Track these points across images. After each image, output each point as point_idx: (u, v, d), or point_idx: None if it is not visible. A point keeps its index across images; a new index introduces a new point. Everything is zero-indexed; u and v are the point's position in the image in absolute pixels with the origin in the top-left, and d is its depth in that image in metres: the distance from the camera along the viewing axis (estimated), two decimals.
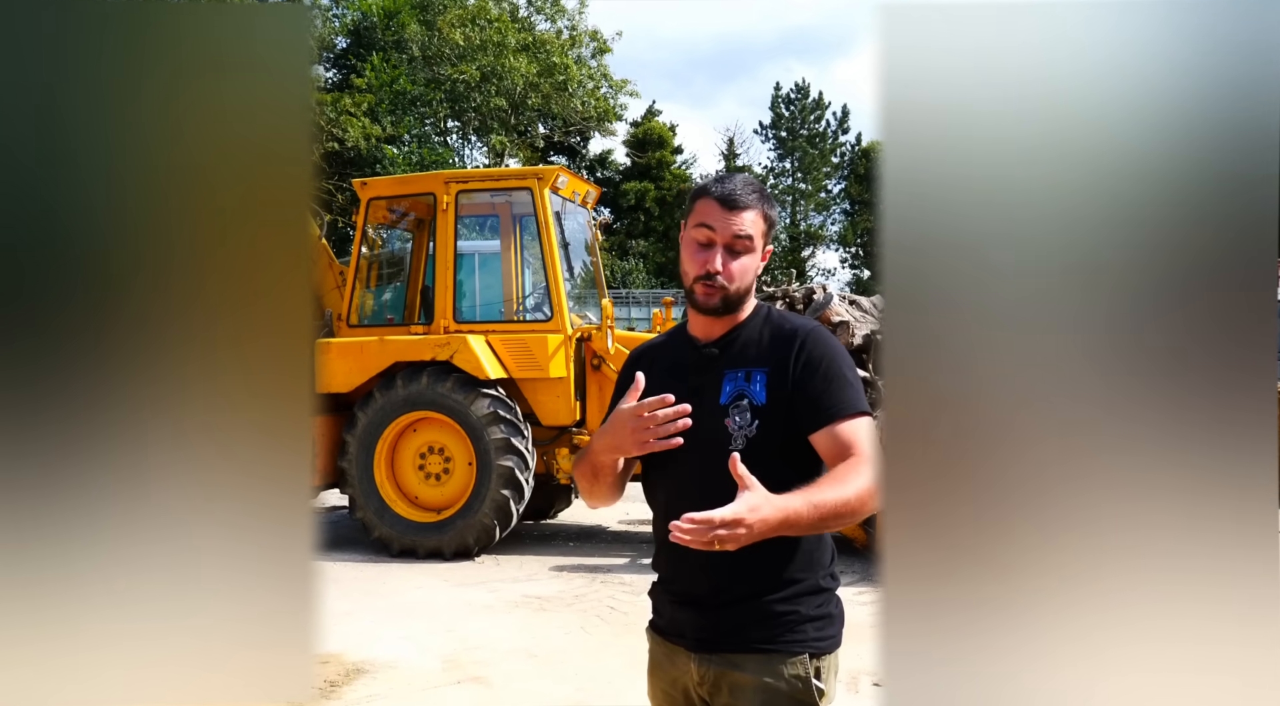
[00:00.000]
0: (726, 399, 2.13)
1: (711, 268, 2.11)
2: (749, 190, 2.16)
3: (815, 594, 2.13)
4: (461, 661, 5.49)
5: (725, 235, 2.12)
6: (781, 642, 2.09)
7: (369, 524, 8.14)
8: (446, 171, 8.94)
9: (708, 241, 2.14)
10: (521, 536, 8.88)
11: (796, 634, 2.09)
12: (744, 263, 2.14)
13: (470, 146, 29.81)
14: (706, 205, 2.15)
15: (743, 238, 2.12)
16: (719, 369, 2.17)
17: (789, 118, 50.61)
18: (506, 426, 7.83)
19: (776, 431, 2.09)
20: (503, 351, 8.15)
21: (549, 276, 8.32)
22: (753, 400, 2.11)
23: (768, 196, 2.21)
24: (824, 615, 2.14)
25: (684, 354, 2.27)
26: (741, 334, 2.21)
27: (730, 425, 2.11)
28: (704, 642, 2.15)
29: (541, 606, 6.64)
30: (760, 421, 2.09)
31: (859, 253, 48.59)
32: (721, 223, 2.12)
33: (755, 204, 2.15)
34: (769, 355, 2.14)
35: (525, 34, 27.00)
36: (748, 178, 2.23)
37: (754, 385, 2.12)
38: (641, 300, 32.71)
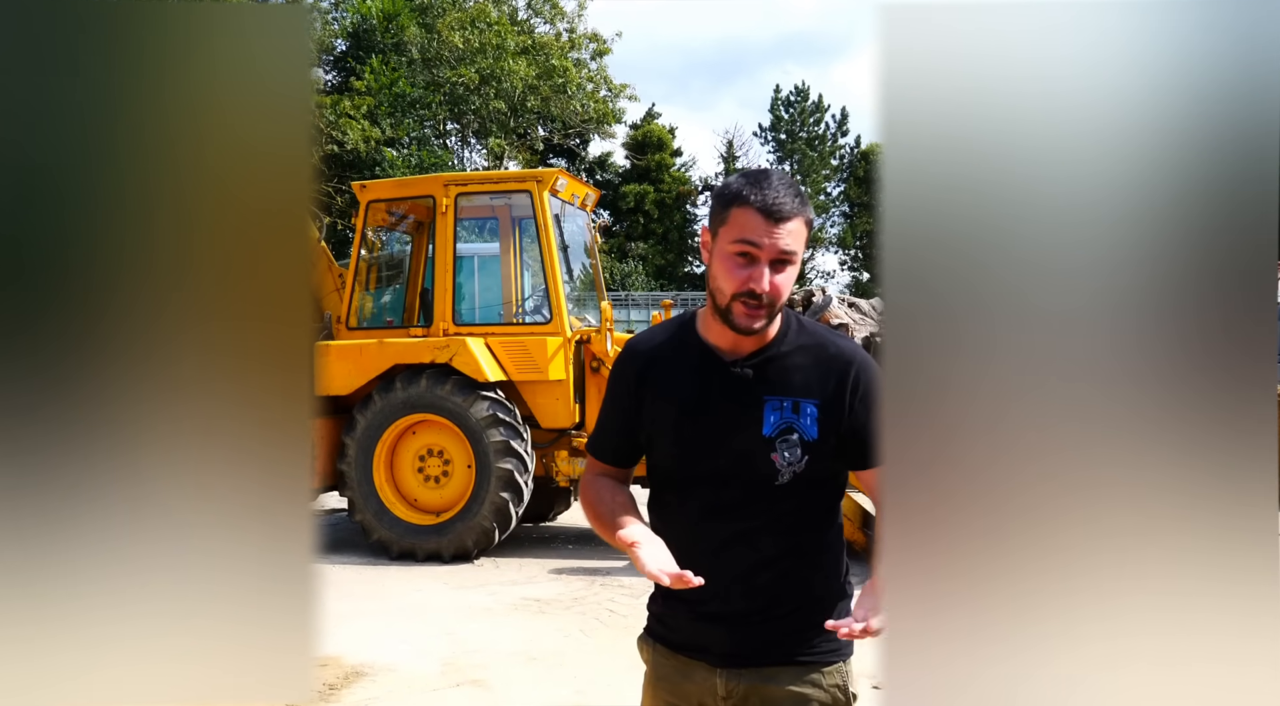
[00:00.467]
0: (771, 430, 1.97)
1: (759, 288, 1.87)
2: (791, 195, 1.90)
3: (844, 601, 2.10)
4: (460, 664, 5.48)
5: (771, 252, 1.87)
6: (820, 653, 2.06)
7: (368, 526, 8.14)
8: (446, 174, 8.94)
9: (750, 257, 1.89)
10: (520, 539, 8.88)
11: (833, 643, 2.04)
12: (788, 276, 1.92)
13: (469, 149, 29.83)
14: (746, 217, 1.88)
15: (789, 253, 1.89)
16: (756, 394, 1.99)
17: (788, 120, 50.66)
18: (505, 429, 7.83)
19: (824, 466, 1.99)
20: (502, 354, 8.15)
21: (548, 279, 8.32)
22: (803, 435, 1.96)
23: (805, 197, 1.96)
24: None
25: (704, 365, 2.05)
26: (777, 353, 2.01)
27: (778, 460, 1.96)
28: (735, 658, 2.06)
29: (540, 609, 6.64)
30: (810, 457, 1.96)
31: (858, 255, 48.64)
32: (767, 238, 1.86)
33: (798, 211, 1.90)
34: (818, 385, 1.98)
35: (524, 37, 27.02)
36: (785, 177, 1.96)
37: (804, 418, 1.97)
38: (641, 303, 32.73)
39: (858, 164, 48.03)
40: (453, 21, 25.58)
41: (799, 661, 2.05)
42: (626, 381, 2.16)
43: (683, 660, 2.13)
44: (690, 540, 2.02)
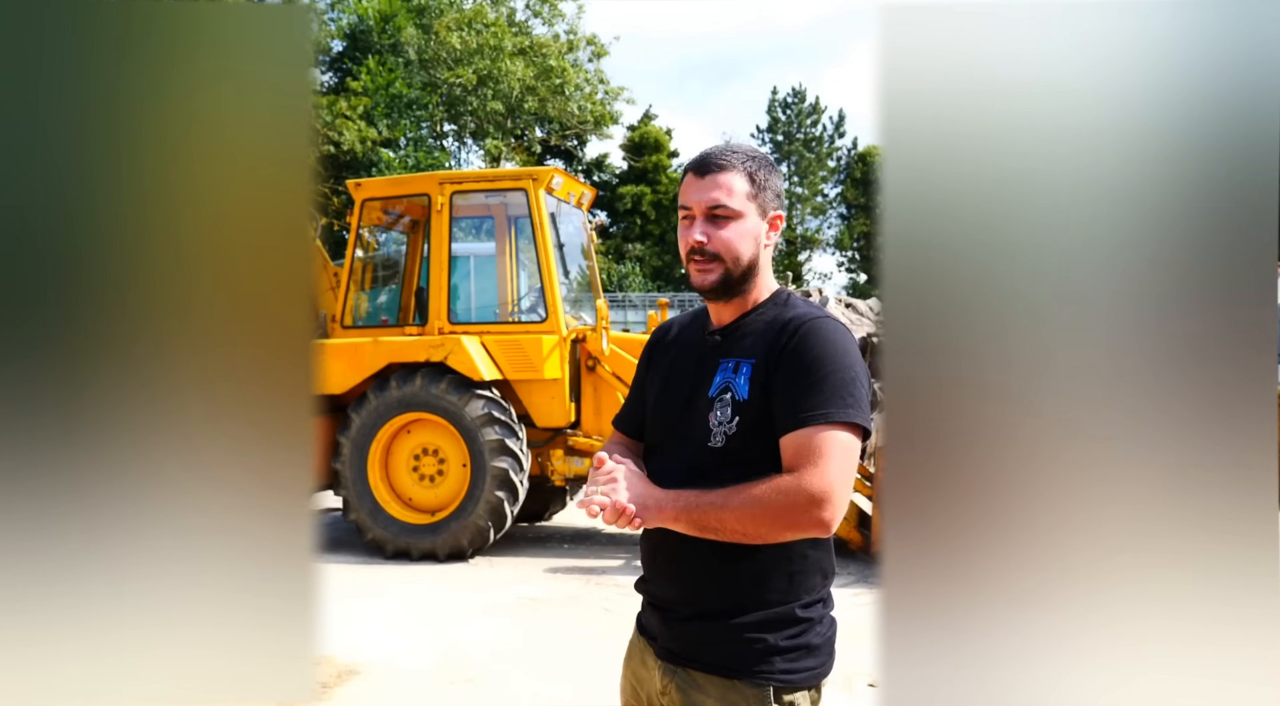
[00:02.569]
0: (714, 391, 1.95)
1: (693, 240, 1.92)
2: (727, 152, 1.95)
3: (790, 623, 1.90)
4: (455, 663, 5.48)
5: (700, 204, 1.92)
6: (744, 671, 1.88)
7: (363, 526, 8.13)
8: (441, 172, 8.93)
9: (690, 217, 1.95)
10: (516, 538, 8.87)
11: (762, 664, 1.87)
12: (733, 230, 1.91)
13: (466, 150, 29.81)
14: (685, 181, 1.97)
15: (720, 205, 1.90)
16: (716, 358, 1.99)
17: (785, 122, 50.69)
18: (501, 428, 7.83)
19: (757, 431, 1.87)
20: (497, 353, 8.14)
21: (544, 277, 8.31)
22: (735, 393, 1.91)
23: (757, 157, 1.97)
24: (799, 646, 1.90)
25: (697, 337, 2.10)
26: (745, 320, 2.00)
27: (711, 420, 1.92)
28: (670, 653, 2.00)
29: (535, 608, 6.63)
30: (740, 419, 1.89)
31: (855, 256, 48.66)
32: (696, 193, 1.93)
33: (734, 164, 1.93)
34: (760, 344, 1.92)
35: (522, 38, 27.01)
36: (733, 143, 2.00)
37: (739, 377, 1.92)
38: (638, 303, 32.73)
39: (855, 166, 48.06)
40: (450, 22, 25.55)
41: (721, 672, 1.91)
42: (644, 355, 2.25)
43: (643, 643, 2.12)
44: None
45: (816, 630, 1.93)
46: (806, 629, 1.92)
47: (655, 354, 2.22)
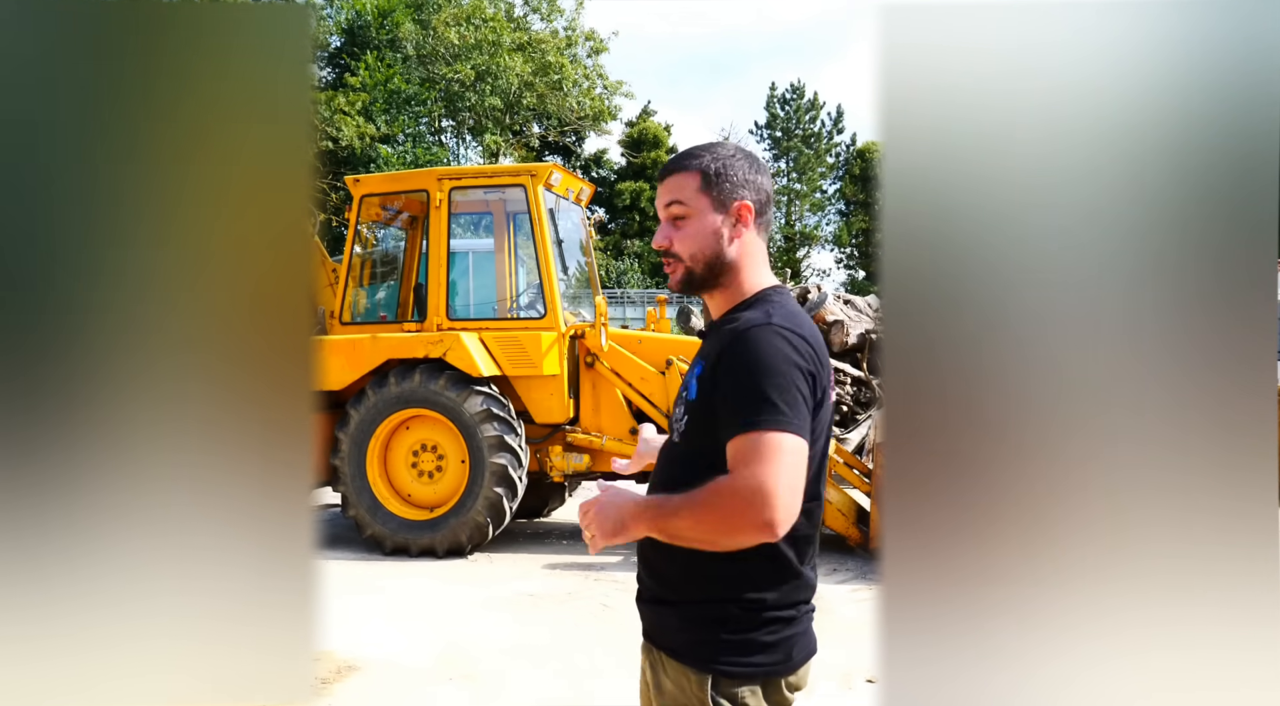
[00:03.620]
0: (683, 387, 2.04)
1: (656, 244, 2.01)
2: (685, 154, 2.00)
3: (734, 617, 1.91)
4: (454, 658, 5.49)
5: (661, 210, 2.01)
6: (687, 655, 1.95)
7: (361, 522, 8.13)
8: (440, 168, 8.94)
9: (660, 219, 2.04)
10: (515, 534, 8.88)
11: (705, 649, 1.92)
12: (687, 230, 1.96)
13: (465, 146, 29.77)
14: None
15: (671, 203, 1.98)
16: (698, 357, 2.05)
17: (784, 118, 50.65)
18: (499, 424, 7.83)
19: (702, 431, 1.91)
20: (496, 349, 8.14)
21: (542, 273, 8.31)
22: (687, 393, 1.98)
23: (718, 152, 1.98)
24: (744, 641, 1.91)
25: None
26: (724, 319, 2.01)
27: (674, 415, 2.04)
28: (646, 633, 2.12)
29: (534, 604, 6.64)
30: (689, 418, 1.96)
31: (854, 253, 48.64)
32: (658, 198, 2.03)
33: (686, 165, 1.97)
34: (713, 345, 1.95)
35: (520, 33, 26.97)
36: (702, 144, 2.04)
37: (692, 377, 1.98)
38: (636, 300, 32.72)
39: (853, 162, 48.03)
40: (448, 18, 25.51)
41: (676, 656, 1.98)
42: None
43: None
44: None
45: (770, 628, 1.92)
46: (752, 625, 1.91)
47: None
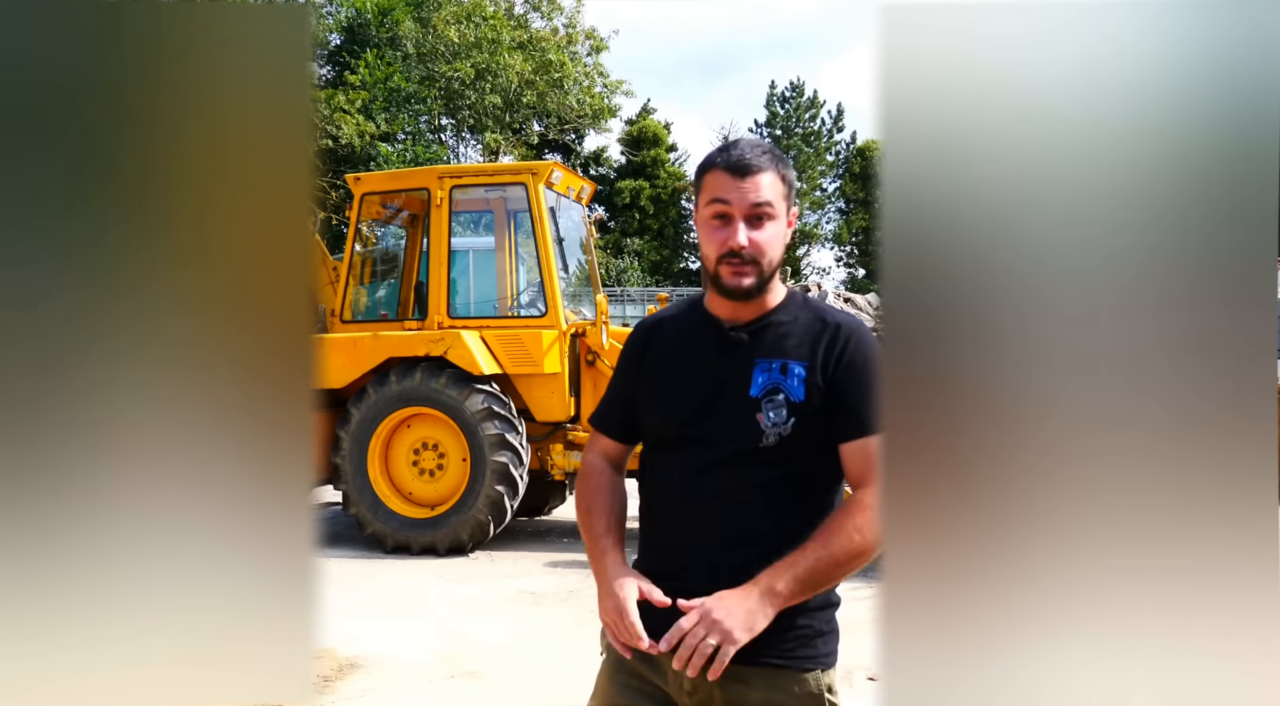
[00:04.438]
0: (758, 391, 1.93)
1: (734, 243, 1.89)
2: (758, 152, 1.93)
3: (828, 608, 1.98)
4: (455, 656, 5.49)
5: (743, 205, 1.89)
6: (794, 658, 1.91)
7: (362, 520, 8.14)
8: (440, 166, 8.94)
9: (724, 216, 1.91)
10: (515, 532, 8.88)
11: (809, 648, 1.92)
12: (770, 232, 1.91)
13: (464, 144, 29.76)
14: (716, 177, 1.93)
15: (762, 204, 1.90)
16: (748, 356, 1.97)
17: (784, 116, 50.63)
18: (500, 422, 7.83)
19: (813, 432, 1.92)
20: (497, 347, 8.15)
21: (543, 272, 8.32)
22: (789, 395, 1.91)
23: (781, 156, 1.97)
24: (833, 629, 1.99)
25: (703, 332, 2.05)
26: (774, 319, 1.99)
27: (763, 421, 1.91)
28: None
29: (535, 602, 6.65)
30: (797, 420, 1.90)
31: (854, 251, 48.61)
32: (736, 193, 1.89)
33: (769, 165, 1.91)
34: (808, 348, 1.94)
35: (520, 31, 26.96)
36: (754, 139, 2.00)
37: (791, 379, 1.92)
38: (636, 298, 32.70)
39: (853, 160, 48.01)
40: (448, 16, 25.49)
41: (768, 663, 1.89)
42: (633, 352, 2.19)
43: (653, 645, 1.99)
44: (674, 505, 2.04)
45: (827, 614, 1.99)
46: (835, 610, 2.01)
47: (650, 350, 2.15)
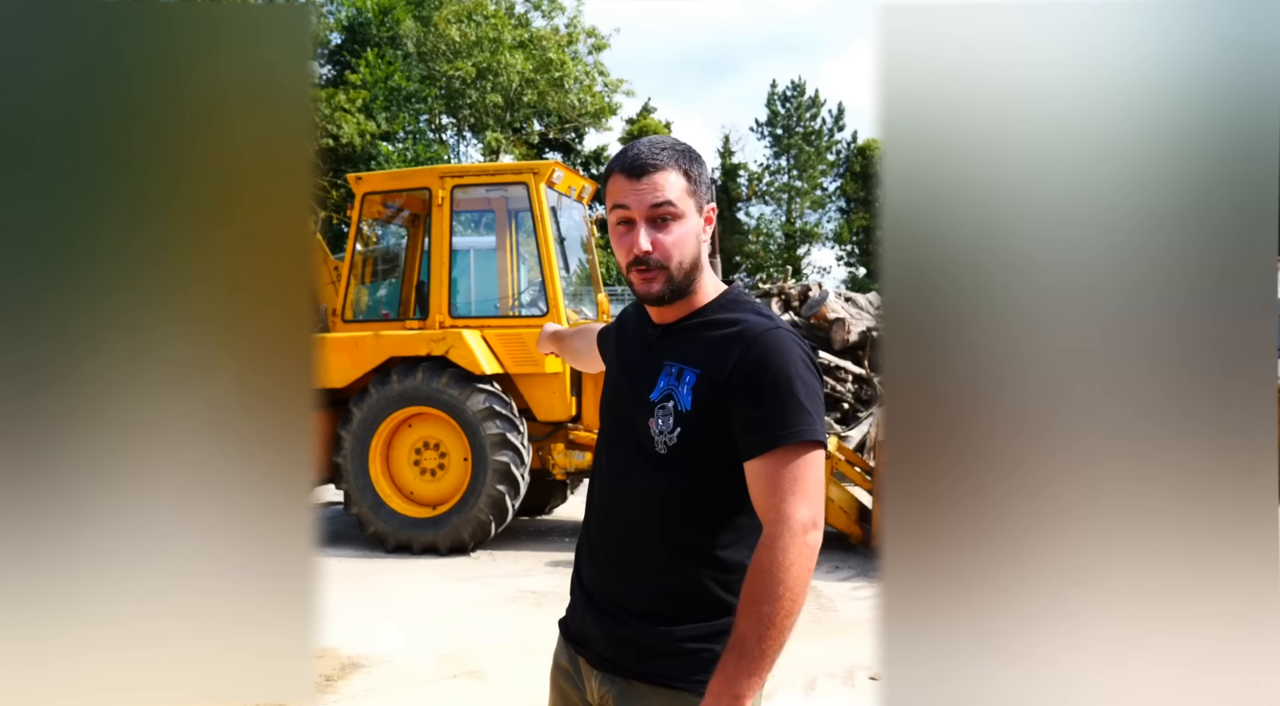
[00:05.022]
0: (657, 395, 1.85)
1: (638, 250, 1.79)
2: (657, 149, 1.81)
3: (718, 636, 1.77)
4: (457, 656, 5.49)
5: (641, 208, 1.79)
6: (692, 681, 1.77)
7: (364, 519, 8.14)
8: (441, 166, 8.94)
9: (628, 221, 1.82)
10: (517, 532, 8.88)
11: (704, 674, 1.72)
12: (676, 233, 1.80)
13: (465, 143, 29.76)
14: (615, 182, 1.83)
15: (661, 205, 1.78)
16: (659, 359, 1.88)
17: (784, 115, 50.58)
18: (502, 422, 7.83)
19: (700, 445, 1.79)
20: (498, 346, 8.14)
21: (545, 271, 8.31)
22: (678, 403, 1.81)
23: (687, 151, 1.84)
24: None
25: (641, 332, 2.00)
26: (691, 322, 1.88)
27: (653, 427, 1.83)
28: (607, 661, 1.88)
29: (537, 601, 6.65)
30: (682, 430, 1.79)
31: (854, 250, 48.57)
32: (634, 196, 1.79)
33: (667, 162, 1.80)
34: (708, 354, 1.81)
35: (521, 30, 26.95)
36: (656, 137, 1.87)
37: (682, 386, 1.81)
38: None
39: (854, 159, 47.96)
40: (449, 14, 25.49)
41: (670, 684, 1.80)
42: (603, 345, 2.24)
43: (572, 651, 2.00)
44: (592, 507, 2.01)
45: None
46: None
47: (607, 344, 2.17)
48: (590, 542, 2.00)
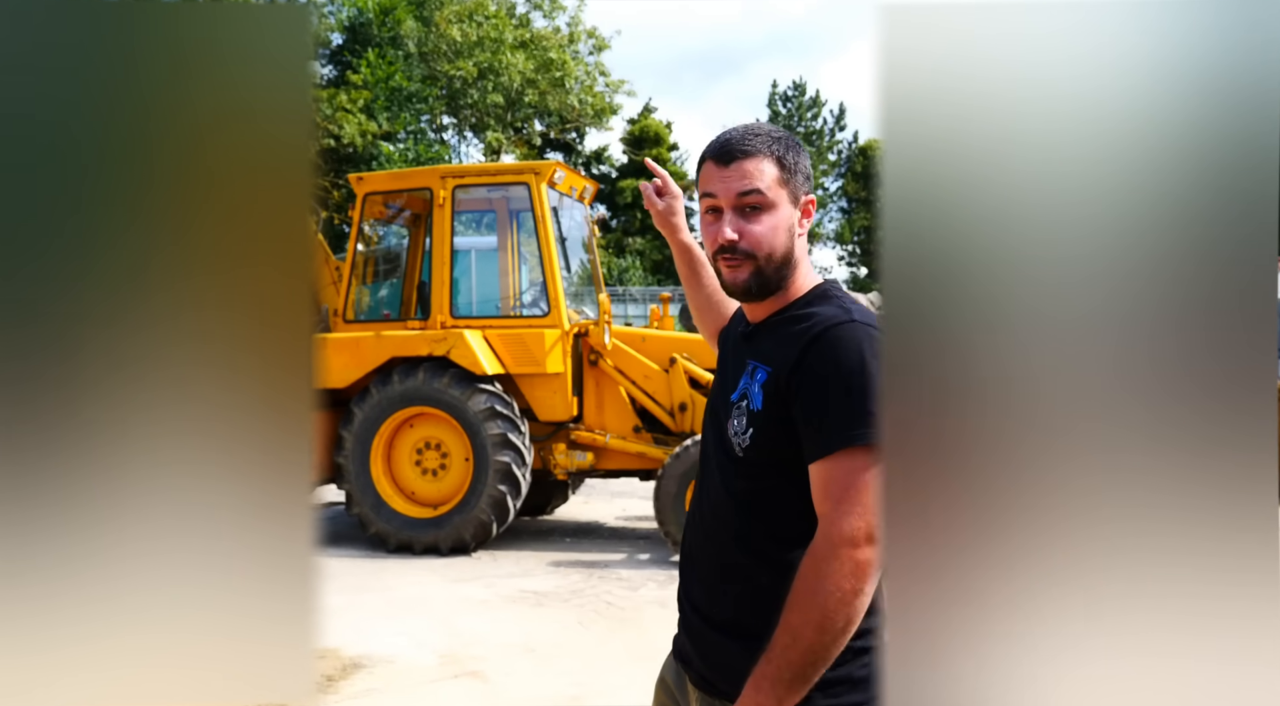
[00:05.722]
0: (736, 395, 1.78)
1: (723, 238, 1.72)
2: (749, 135, 1.74)
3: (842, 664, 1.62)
4: (458, 656, 5.50)
5: (728, 196, 1.72)
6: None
7: (365, 519, 8.15)
8: (443, 166, 8.95)
9: (716, 209, 1.75)
10: (518, 532, 8.89)
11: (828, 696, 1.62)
12: (766, 223, 1.72)
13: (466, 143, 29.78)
14: (706, 170, 1.78)
15: (748, 193, 1.71)
16: (744, 358, 1.81)
17: (786, 116, 50.61)
18: (503, 422, 7.84)
19: (771, 446, 1.70)
20: (500, 347, 8.15)
21: (546, 271, 8.32)
22: (750, 402, 1.73)
23: (782, 138, 1.76)
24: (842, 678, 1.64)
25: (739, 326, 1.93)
26: (777, 318, 1.79)
27: (729, 429, 1.76)
28: (706, 681, 1.78)
29: (538, 602, 6.65)
30: (754, 431, 1.71)
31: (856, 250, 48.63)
32: (721, 183, 1.73)
33: (759, 149, 1.72)
34: (780, 350, 1.72)
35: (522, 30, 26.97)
36: (752, 124, 1.80)
37: (754, 384, 1.74)
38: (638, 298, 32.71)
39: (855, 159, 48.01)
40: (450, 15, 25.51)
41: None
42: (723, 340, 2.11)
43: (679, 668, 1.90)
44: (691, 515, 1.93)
45: (861, 661, 1.68)
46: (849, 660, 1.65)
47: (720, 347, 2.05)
48: (684, 552, 1.94)
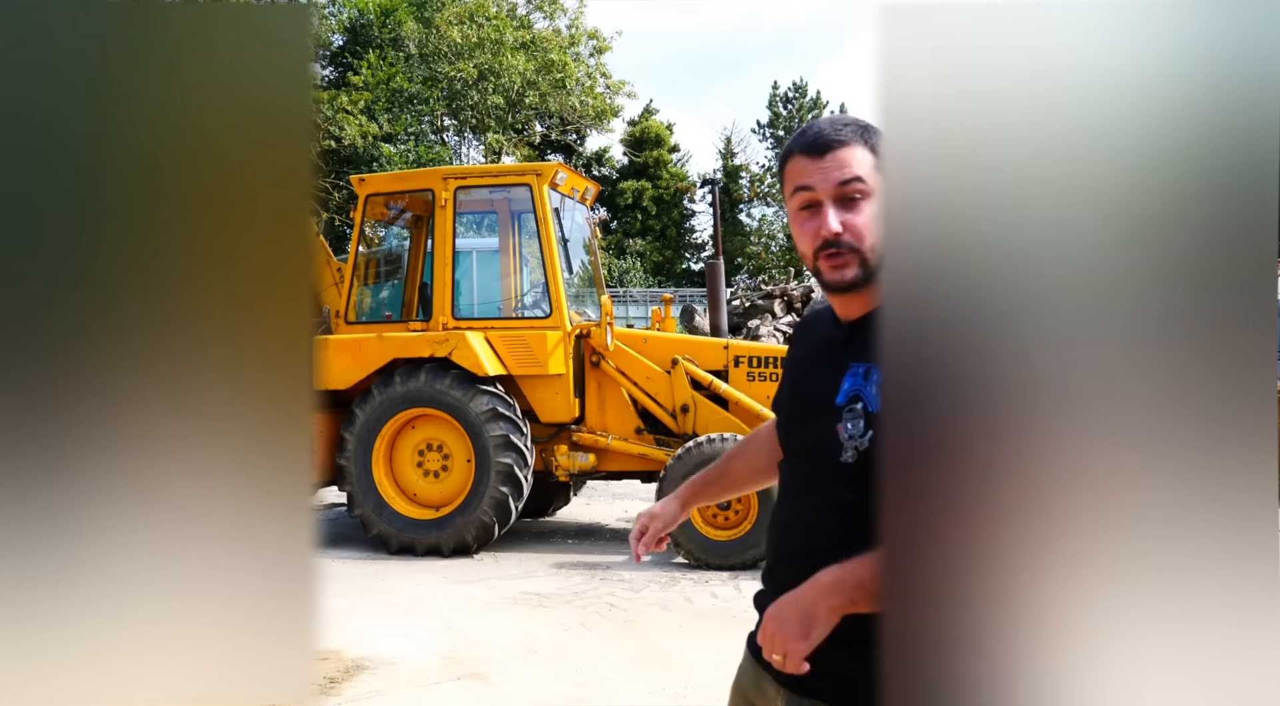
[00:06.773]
0: (843, 398, 1.70)
1: (826, 231, 1.64)
2: (839, 125, 1.68)
3: None
4: (461, 658, 5.50)
5: (828, 186, 1.65)
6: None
7: (367, 521, 8.14)
8: (445, 167, 8.95)
9: (812, 204, 1.67)
10: (520, 533, 8.89)
11: None
12: (869, 213, 1.64)
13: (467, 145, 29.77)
14: (796, 164, 1.69)
15: (850, 181, 1.64)
16: (844, 359, 1.73)
17: (786, 116, 50.56)
18: (505, 423, 7.84)
19: None
20: (501, 348, 8.15)
21: (548, 273, 8.31)
22: (867, 404, 1.66)
23: (870, 127, 1.69)
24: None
25: (820, 332, 1.86)
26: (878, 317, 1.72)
27: (841, 433, 1.68)
28: (795, 682, 1.71)
29: (541, 603, 6.65)
30: (874, 433, 1.63)
31: None
32: (818, 175, 1.65)
33: (852, 137, 1.66)
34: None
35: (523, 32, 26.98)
36: (835, 115, 1.75)
37: (870, 385, 1.67)
38: (639, 299, 32.71)
39: None
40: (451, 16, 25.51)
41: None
42: (790, 347, 2.02)
43: (758, 668, 1.84)
44: (776, 522, 1.85)
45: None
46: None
47: (796, 347, 1.96)
48: (770, 563, 1.86)
